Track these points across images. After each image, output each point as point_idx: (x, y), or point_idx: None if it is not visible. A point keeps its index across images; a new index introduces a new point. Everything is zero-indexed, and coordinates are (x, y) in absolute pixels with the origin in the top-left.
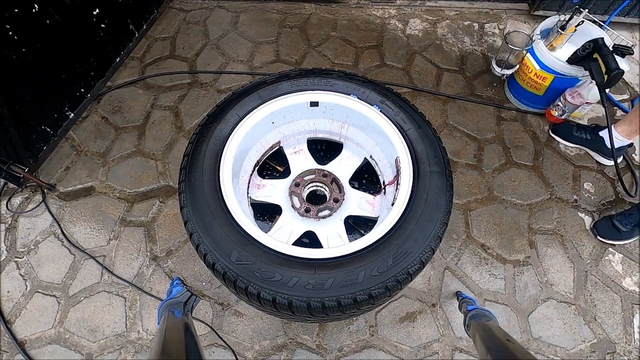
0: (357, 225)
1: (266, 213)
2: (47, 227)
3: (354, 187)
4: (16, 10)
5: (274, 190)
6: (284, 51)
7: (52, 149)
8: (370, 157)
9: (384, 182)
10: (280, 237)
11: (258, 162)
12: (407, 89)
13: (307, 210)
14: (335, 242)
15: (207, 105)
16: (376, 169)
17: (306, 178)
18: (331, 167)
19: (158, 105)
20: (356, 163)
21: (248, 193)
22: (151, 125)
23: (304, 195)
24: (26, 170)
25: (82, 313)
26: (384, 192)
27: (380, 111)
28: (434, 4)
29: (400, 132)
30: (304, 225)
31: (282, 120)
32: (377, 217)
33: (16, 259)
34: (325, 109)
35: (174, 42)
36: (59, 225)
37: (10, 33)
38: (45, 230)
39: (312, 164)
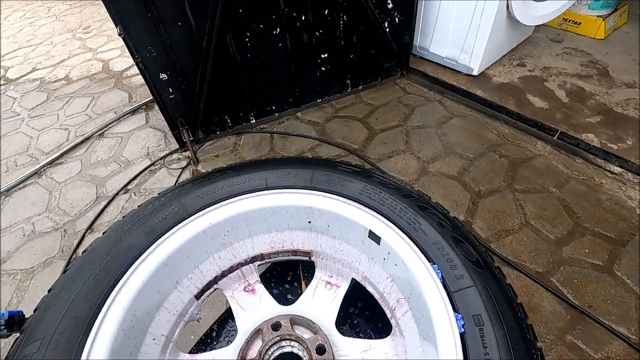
0: None
1: None
2: (169, 186)
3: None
4: (261, 26)
5: None
6: (470, 173)
7: (220, 137)
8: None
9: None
10: None
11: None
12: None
13: None
14: None
15: None
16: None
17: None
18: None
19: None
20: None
21: None
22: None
23: None
24: (191, 139)
25: None
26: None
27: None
28: None
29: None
30: None
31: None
32: None
33: (126, 194)
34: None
35: (373, 110)
36: None
37: (247, 40)
38: (165, 187)
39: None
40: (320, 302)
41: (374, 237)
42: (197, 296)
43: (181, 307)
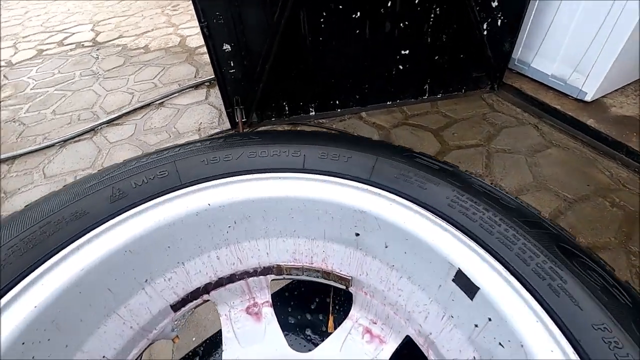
0: None
1: None
2: None
3: None
4: (340, 7)
5: None
6: (568, 218)
7: (274, 125)
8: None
9: None
10: None
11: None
12: None
13: None
14: None
15: None
16: None
17: None
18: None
19: None
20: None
21: None
22: None
23: None
24: (244, 120)
25: None
26: None
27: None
28: None
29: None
30: None
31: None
32: None
33: None
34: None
35: (450, 123)
36: None
37: (322, 21)
38: None
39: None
40: (351, 357)
41: (466, 284)
42: (176, 306)
43: (147, 318)
